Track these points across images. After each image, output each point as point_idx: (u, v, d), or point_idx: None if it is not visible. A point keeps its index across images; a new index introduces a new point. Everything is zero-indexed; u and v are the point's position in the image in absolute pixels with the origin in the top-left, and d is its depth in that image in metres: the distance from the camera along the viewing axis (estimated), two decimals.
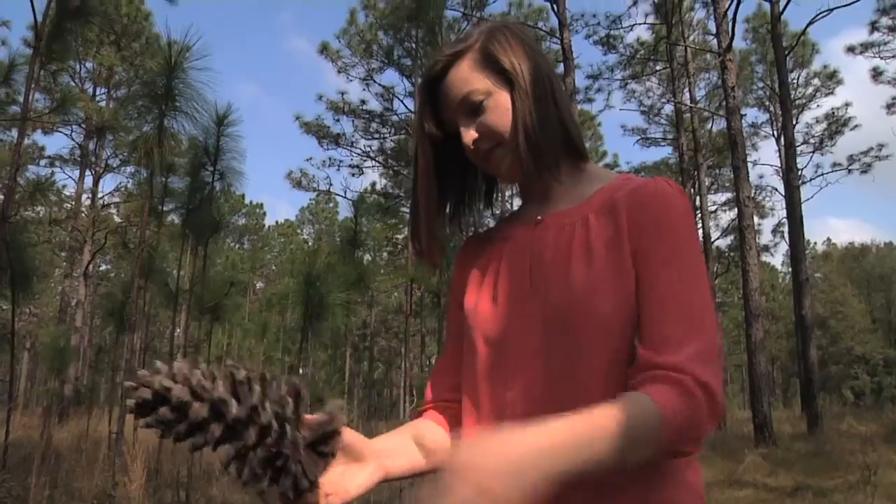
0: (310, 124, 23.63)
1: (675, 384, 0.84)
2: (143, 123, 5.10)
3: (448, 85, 1.05)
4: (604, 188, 1.03)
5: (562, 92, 1.07)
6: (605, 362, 0.93)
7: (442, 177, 1.11)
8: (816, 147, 26.93)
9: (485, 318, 1.06)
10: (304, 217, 47.93)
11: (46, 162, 24.03)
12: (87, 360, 23.40)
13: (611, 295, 0.94)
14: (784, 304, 44.43)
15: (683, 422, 0.83)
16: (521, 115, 1.01)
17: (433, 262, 1.12)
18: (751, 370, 13.26)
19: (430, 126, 1.08)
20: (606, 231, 0.98)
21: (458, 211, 1.18)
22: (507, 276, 1.06)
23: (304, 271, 4.63)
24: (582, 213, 1.02)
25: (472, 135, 1.04)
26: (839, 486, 7.23)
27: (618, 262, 0.95)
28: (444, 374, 1.18)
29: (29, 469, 6.49)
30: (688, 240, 0.95)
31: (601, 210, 1.00)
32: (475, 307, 1.09)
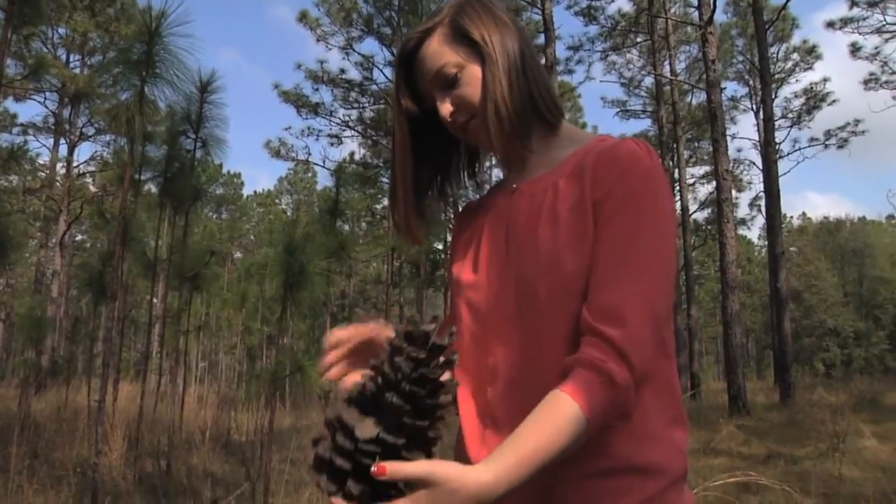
0: (288, 93, 23.35)
1: (600, 373, 0.87)
2: (120, 91, 5.03)
3: (421, 60, 1.07)
4: (577, 151, 1.04)
5: (533, 61, 1.08)
6: (568, 326, 0.95)
7: (422, 152, 1.12)
8: (794, 122, 27.15)
9: (467, 286, 1.09)
10: (283, 187, 47.60)
11: (19, 130, 23.58)
12: (64, 330, 23.19)
13: (573, 259, 0.95)
14: (759, 277, 45.05)
15: (606, 413, 0.87)
16: (490, 86, 1.02)
17: (415, 239, 1.14)
18: (726, 342, 13.47)
19: (406, 102, 1.10)
20: (573, 195, 0.99)
21: (444, 185, 1.19)
22: (487, 244, 1.08)
23: (284, 240, 4.62)
24: (554, 178, 1.03)
25: (448, 108, 1.06)
26: (810, 453, 7.40)
27: (581, 225, 0.96)
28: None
29: (8, 440, 6.46)
30: (648, 200, 0.95)
31: (571, 174, 1.01)
32: (459, 276, 1.11)
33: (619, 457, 0.93)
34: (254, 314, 12.97)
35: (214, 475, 6.35)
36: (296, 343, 6.43)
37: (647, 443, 0.95)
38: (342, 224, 6.55)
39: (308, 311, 10.97)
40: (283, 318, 5.28)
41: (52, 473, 5.92)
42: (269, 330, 12.53)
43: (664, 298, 0.93)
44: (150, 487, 5.87)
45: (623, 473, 0.92)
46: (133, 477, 6.02)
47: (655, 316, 0.91)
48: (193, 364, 17.57)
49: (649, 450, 0.94)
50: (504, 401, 0.99)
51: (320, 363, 1.02)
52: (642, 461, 0.93)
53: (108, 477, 5.60)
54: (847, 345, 47.17)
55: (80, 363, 16.29)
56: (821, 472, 6.14)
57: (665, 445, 0.96)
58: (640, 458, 0.93)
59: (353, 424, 0.79)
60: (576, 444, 0.85)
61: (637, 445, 0.94)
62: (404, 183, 1.11)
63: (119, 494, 5.39)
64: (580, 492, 0.92)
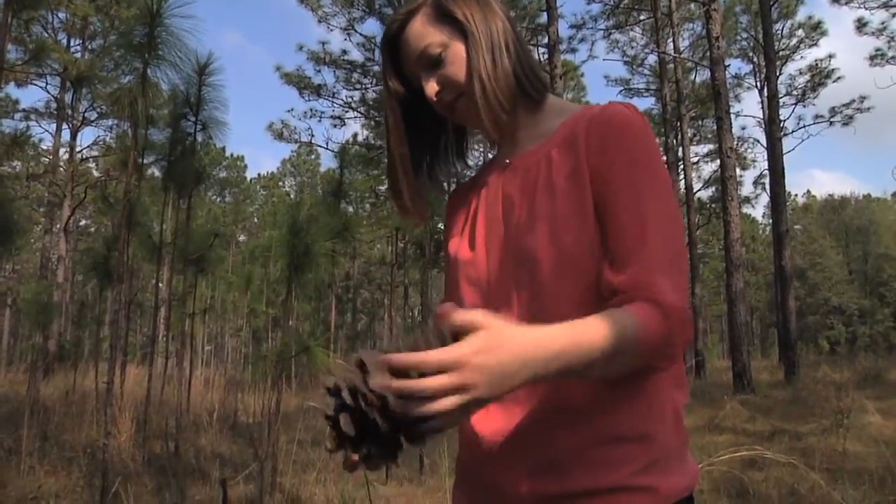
0: (290, 75, 23.25)
1: (651, 304, 0.87)
2: (122, 74, 5.01)
3: (406, 41, 1.07)
4: (565, 122, 1.05)
5: (516, 37, 1.08)
6: (570, 295, 0.95)
7: (414, 132, 1.13)
8: (799, 99, 26.98)
9: (466, 263, 1.09)
10: (286, 169, 47.59)
11: (21, 115, 23.54)
12: (70, 316, 23.30)
13: (573, 228, 0.96)
14: (764, 255, 45.00)
15: (658, 338, 0.87)
16: (475, 64, 1.03)
17: (420, 217, 1.15)
18: (730, 320, 13.48)
19: (394, 84, 1.10)
20: (567, 164, 0.99)
21: (434, 164, 1.19)
22: (484, 221, 1.09)
23: (288, 221, 4.63)
24: (546, 150, 1.04)
25: (433, 87, 1.06)
26: (814, 429, 7.43)
27: (579, 193, 0.97)
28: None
29: (18, 423, 6.53)
30: (645, 158, 0.96)
31: (563, 144, 1.02)
32: (457, 254, 1.12)
33: (624, 424, 0.94)
34: (259, 297, 13.01)
35: (222, 456, 6.41)
36: (301, 325, 6.46)
37: (654, 405, 0.96)
38: (346, 205, 6.55)
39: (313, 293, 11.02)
40: (289, 300, 5.30)
41: (62, 455, 5.98)
42: (275, 312, 12.57)
43: (685, 257, 0.96)
44: (159, 468, 5.93)
45: (628, 441, 0.94)
46: (142, 458, 6.08)
47: (685, 270, 0.93)
48: (200, 347, 17.66)
49: (655, 415, 0.96)
50: None
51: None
52: (645, 428, 0.95)
53: (117, 458, 5.65)
54: (852, 322, 47.21)
55: (86, 348, 16.40)
56: (825, 447, 6.17)
57: (668, 410, 0.98)
58: (644, 426, 0.95)
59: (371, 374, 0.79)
60: (624, 353, 0.85)
61: (645, 410, 0.95)
62: (403, 164, 1.12)
63: (129, 475, 5.44)
64: (584, 461, 0.93)
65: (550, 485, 0.94)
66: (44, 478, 5.36)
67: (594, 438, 0.93)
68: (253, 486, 5.14)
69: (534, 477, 0.95)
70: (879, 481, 4.93)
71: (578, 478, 0.93)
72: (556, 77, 14.74)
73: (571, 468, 0.93)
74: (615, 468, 0.92)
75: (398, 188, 1.13)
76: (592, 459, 0.93)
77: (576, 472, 0.93)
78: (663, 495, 0.93)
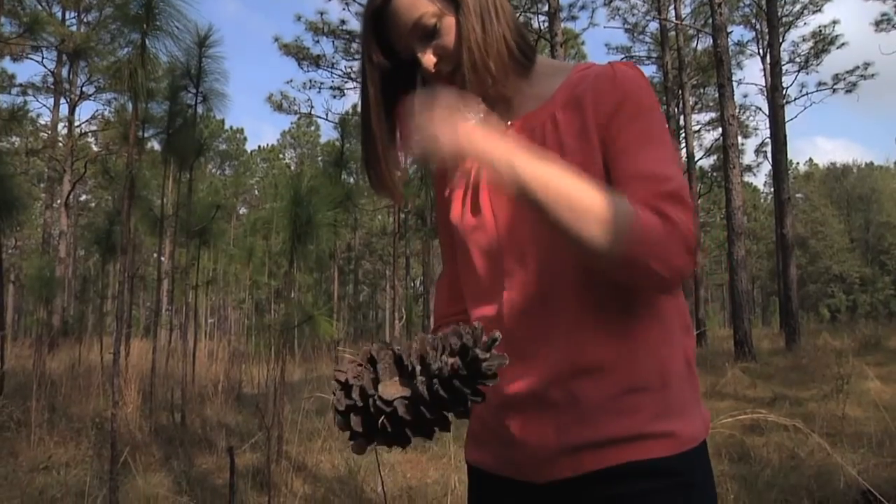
0: (289, 46, 23.08)
1: (655, 212, 0.89)
2: (119, 47, 4.98)
3: (395, 13, 1.04)
4: (565, 83, 1.05)
5: (505, 5, 1.07)
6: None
7: (392, 107, 1.11)
8: (802, 66, 26.69)
9: (472, 229, 1.09)
10: (286, 141, 47.37)
11: (18, 90, 23.40)
12: (73, 290, 23.38)
13: None
14: (765, 224, 44.93)
15: (654, 235, 0.87)
16: (465, 33, 1.02)
17: (395, 195, 1.13)
18: (732, 288, 13.51)
19: (378, 58, 1.08)
20: (574, 124, 1.00)
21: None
22: (488, 184, 1.08)
23: (290, 191, 4.62)
24: (548, 111, 1.04)
25: (430, 59, 1.04)
26: (814, 395, 7.49)
27: (588, 151, 0.98)
28: (445, 293, 1.23)
29: (26, 396, 6.59)
30: (648, 114, 0.98)
31: (566, 105, 1.02)
32: (462, 219, 1.11)
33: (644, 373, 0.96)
34: (261, 269, 13.04)
35: (228, 426, 6.48)
36: (304, 296, 6.49)
37: (669, 353, 0.99)
38: (347, 176, 6.54)
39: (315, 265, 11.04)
40: (291, 271, 5.32)
41: (70, 426, 6.05)
42: (277, 284, 12.60)
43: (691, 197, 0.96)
44: (166, 438, 6.00)
45: (648, 389, 0.96)
46: (149, 429, 6.14)
47: (692, 207, 0.94)
48: (203, 320, 17.74)
49: (671, 362, 0.99)
50: (523, 332, 1.01)
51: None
52: (663, 376, 0.97)
53: (124, 429, 5.71)
54: (853, 291, 47.32)
55: (90, 322, 16.46)
56: (825, 412, 6.23)
57: (681, 356, 1.01)
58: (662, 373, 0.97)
59: (380, 378, 0.83)
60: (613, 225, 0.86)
61: (661, 358, 0.98)
62: (382, 142, 1.09)
63: (137, 445, 5.51)
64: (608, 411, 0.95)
65: (576, 436, 0.96)
66: (53, 448, 5.43)
67: (617, 388, 0.95)
68: (259, 454, 5.21)
69: (559, 429, 0.97)
70: (878, 444, 4.98)
71: (603, 427, 0.95)
72: (556, 45, 14.61)
73: (597, 418, 0.95)
74: (637, 416, 0.95)
75: (376, 166, 1.10)
76: (616, 409, 0.95)
77: (601, 422, 0.95)
78: (683, 439, 0.96)
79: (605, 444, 0.95)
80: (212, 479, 4.77)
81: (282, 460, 4.97)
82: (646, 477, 0.94)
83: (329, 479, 4.63)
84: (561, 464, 0.97)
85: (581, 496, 0.97)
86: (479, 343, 0.80)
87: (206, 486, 4.54)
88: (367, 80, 1.09)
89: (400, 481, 4.54)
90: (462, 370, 0.80)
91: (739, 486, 3.93)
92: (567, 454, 0.96)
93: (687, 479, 0.96)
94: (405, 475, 4.70)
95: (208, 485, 4.59)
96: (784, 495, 3.83)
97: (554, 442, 0.97)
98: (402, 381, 0.83)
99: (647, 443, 0.94)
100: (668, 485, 0.94)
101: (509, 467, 1.04)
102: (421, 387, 0.80)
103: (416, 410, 0.81)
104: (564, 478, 0.97)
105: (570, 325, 0.97)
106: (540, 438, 0.98)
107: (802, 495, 3.77)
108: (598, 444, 0.95)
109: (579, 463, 0.96)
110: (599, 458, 0.95)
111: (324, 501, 4.08)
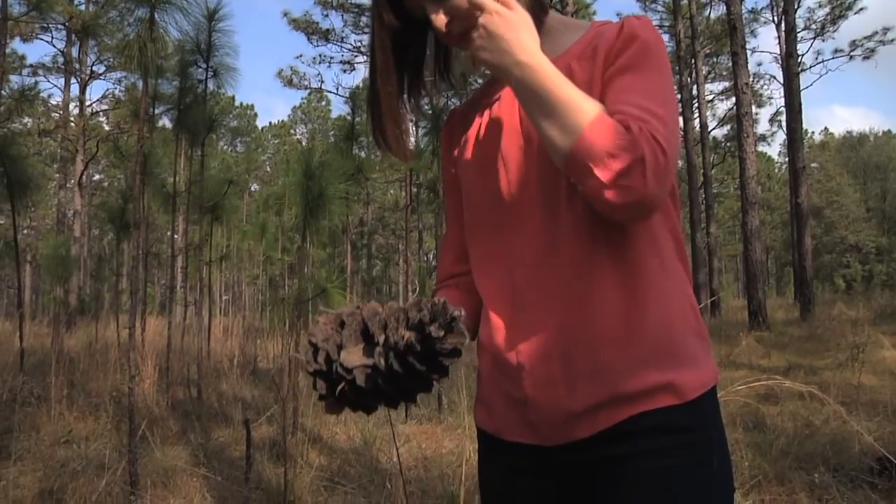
0: (298, 20, 22.97)
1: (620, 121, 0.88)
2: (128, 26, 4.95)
3: None
4: (583, 38, 1.06)
5: None
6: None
7: (400, 67, 1.11)
8: (818, 33, 26.26)
9: (482, 178, 1.09)
10: (297, 117, 47.27)
11: (29, 71, 23.42)
12: (89, 269, 23.57)
13: None
14: (780, 194, 44.58)
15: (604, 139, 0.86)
16: None
17: (405, 155, 1.13)
18: (746, 258, 13.45)
19: (389, 17, 1.07)
20: (586, 74, 1.00)
21: (414, 98, 1.17)
22: (500, 133, 1.08)
23: (302, 164, 4.62)
24: (564, 62, 1.02)
25: (441, 19, 1.03)
26: (829, 364, 7.47)
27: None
28: (450, 253, 1.22)
29: (45, 372, 6.68)
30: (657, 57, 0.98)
31: (582, 57, 1.02)
32: (470, 171, 1.11)
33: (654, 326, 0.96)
34: (274, 244, 13.08)
35: (244, 400, 6.54)
36: (317, 272, 6.50)
37: (678, 305, 0.99)
38: (358, 150, 6.53)
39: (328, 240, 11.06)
40: (304, 246, 5.33)
41: (89, 402, 6.13)
42: (290, 259, 12.64)
43: (678, 138, 0.96)
44: (183, 412, 6.07)
45: (660, 342, 0.96)
46: (166, 403, 6.22)
47: (678, 145, 0.93)
48: (217, 296, 17.88)
49: (680, 314, 0.99)
50: (533, 283, 1.00)
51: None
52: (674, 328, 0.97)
53: (141, 404, 5.79)
54: (868, 260, 46.93)
55: (106, 301, 16.62)
56: (840, 381, 6.21)
57: (689, 306, 1.01)
58: (672, 325, 0.97)
59: (345, 344, 0.84)
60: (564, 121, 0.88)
61: (671, 311, 0.98)
62: (390, 104, 1.10)
63: (154, 419, 5.59)
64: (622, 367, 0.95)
65: (588, 393, 0.95)
66: (73, 422, 5.51)
67: (627, 342, 0.95)
68: (275, 426, 5.26)
69: (571, 388, 0.96)
70: (893, 412, 4.97)
71: (615, 382, 0.95)
72: (568, 15, 14.45)
73: (608, 374, 0.95)
74: (647, 369, 0.94)
75: (383, 128, 1.11)
76: (627, 363, 0.95)
77: (612, 378, 0.95)
78: (693, 386, 0.96)
79: (618, 400, 0.94)
80: (228, 451, 4.83)
81: (297, 432, 5.02)
82: (660, 433, 0.94)
83: (345, 451, 4.67)
84: (574, 424, 0.97)
85: (595, 456, 0.97)
86: (438, 319, 0.79)
87: (223, 458, 4.60)
88: (376, 39, 1.08)
89: (415, 452, 4.58)
90: (416, 346, 0.80)
91: (754, 454, 3.94)
92: (580, 413, 0.96)
93: (702, 434, 0.96)
94: (420, 446, 4.73)
95: (225, 457, 4.65)
96: (799, 462, 3.84)
97: (566, 401, 0.97)
98: (366, 349, 0.84)
99: (658, 394, 0.94)
100: (683, 441, 0.94)
101: (520, 430, 1.03)
102: (378, 358, 0.80)
103: (373, 381, 0.81)
104: (578, 438, 0.97)
105: (579, 278, 0.97)
106: (552, 398, 0.98)
107: (817, 462, 3.77)
108: (610, 401, 0.95)
109: (593, 422, 0.95)
110: (613, 415, 0.95)
111: (340, 472, 4.13)
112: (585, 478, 0.98)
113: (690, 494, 0.93)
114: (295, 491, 3.55)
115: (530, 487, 1.05)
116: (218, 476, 4.04)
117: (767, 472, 3.59)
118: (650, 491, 0.93)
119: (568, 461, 0.99)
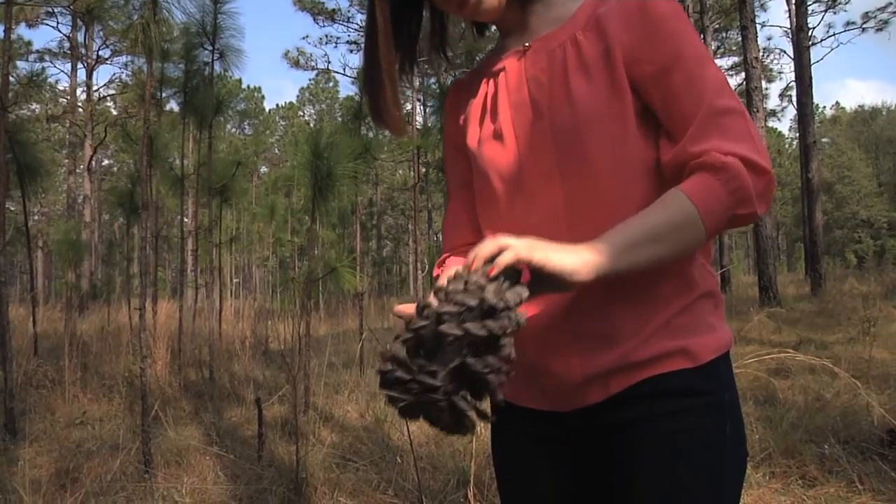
0: (304, 1, 22.83)
1: (705, 167, 0.89)
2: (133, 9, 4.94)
3: None
4: (583, 6, 1.02)
5: None
6: (619, 171, 0.96)
7: (398, 36, 1.09)
8: (829, 5, 25.83)
9: (493, 151, 1.06)
10: (305, 98, 47.12)
11: (35, 57, 23.43)
12: (100, 254, 23.71)
13: (614, 104, 0.95)
14: (790, 169, 44.21)
15: (722, 198, 0.88)
16: None
17: (400, 130, 1.12)
18: (756, 234, 13.38)
19: None
20: (597, 45, 0.98)
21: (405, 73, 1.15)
22: (508, 106, 1.06)
23: (311, 144, 4.61)
24: (568, 32, 1.01)
25: None
26: (840, 339, 7.45)
27: (612, 72, 0.96)
28: (458, 222, 1.20)
29: (59, 356, 6.76)
30: (684, 35, 0.95)
31: (588, 27, 0.99)
32: (480, 144, 1.09)
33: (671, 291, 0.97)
34: (283, 226, 13.12)
35: (256, 380, 6.59)
36: (327, 252, 6.51)
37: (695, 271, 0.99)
38: (367, 130, 6.52)
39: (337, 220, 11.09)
40: (314, 226, 5.34)
41: (102, 384, 6.20)
42: (300, 241, 12.67)
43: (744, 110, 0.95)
44: (195, 393, 6.12)
45: (676, 307, 0.96)
46: (178, 384, 6.27)
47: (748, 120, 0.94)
48: (228, 279, 17.97)
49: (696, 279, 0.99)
50: None
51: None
52: (691, 293, 0.98)
53: (154, 385, 5.84)
54: (880, 236, 46.57)
55: (117, 285, 16.73)
56: (851, 355, 6.19)
57: (706, 272, 1.02)
58: (689, 291, 0.98)
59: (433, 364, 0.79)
60: (692, 231, 0.88)
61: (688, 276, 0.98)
62: (390, 74, 1.07)
63: (167, 400, 5.64)
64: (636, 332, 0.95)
65: (601, 359, 0.96)
66: (87, 404, 5.57)
67: (641, 308, 0.95)
68: (286, 406, 5.30)
69: (584, 354, 0.97)
70: None
71: (630, 349, 0.95)
72: None
73: (621, 340, 0.95)
74: (664, 335, 0.95)
75: (379, 99, 1.08)
76: (641, 328, 0.95)
77: (626, 344, 0.95)
78: (707, 350, 0.96)
79: (631, 365, 0.95)
80: (241, 430, 4.87)
81: (309, 411, 5.06)
82: (674, 396, 0.94)
83: (356, 428, 4.70)
84: (586, 389, 0.97)
85: (609, 420, 0.97)
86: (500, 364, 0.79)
87: (236, 437, 4.64)
88: (376, 10, 1.06)
89: (426, 428, 4.60)
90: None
91: (765, 428, 3.94)
92: (592, 377, 0.96)
93: (716, 398, 0.96)
94: None
95: (238, 436, 4.69)
96: (809, 435, 3.83)
97: (579, 367, 0.97)
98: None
99: (671, 358, 0.94)
100: (696, 403, 0.94)
101: (534, 397, 1.04)
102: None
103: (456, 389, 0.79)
104: (591, 403, 0.97)
105: None
106: (565, 365, 0.98)
107: (828, 434, 3.77)
108: (624, 366, 0.95)
109: (606, 386, 0.96)
110: (625, 379, 0.95)
111: (351, 449, 4.16)
112: (601, 442, 0.99)
113: (704, 457, 0.93)
114: (307, 468, 3.58)
115: (545, 453, 1.05)
116: (231, 454, 4.08)
117: (778, 444, 3.59)
118: (664, 453, 0.93)
119: (583, 426, 1.00)
